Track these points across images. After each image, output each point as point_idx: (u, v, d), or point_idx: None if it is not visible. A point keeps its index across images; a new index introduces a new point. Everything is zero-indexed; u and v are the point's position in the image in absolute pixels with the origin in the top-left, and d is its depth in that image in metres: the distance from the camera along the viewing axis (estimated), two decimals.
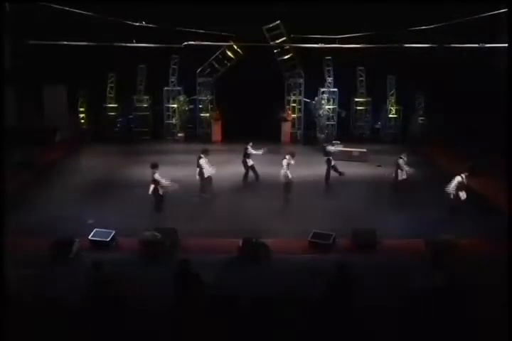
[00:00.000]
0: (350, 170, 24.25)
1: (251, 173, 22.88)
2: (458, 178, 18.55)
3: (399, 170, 20.78)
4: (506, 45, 22.37)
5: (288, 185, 20.71)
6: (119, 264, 13.69)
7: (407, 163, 20.95)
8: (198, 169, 20.56)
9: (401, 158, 20.86)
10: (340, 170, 23.28)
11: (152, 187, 18.49)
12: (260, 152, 22.51)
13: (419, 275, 13.07)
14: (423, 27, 24.97)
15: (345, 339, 10.59)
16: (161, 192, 18.59)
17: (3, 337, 9.68)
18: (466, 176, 18.60)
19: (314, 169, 23.84)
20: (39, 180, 22.67)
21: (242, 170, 22.99)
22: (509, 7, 16.33)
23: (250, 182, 22.84)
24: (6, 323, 9.80)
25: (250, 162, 22.76)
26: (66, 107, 30.92)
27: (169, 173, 20.58)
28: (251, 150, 22.49)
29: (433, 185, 21.14)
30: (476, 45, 24.36)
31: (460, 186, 18.53)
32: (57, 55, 26.45)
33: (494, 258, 14.71)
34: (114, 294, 11.34)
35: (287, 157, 20.60)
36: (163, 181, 18.43)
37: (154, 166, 18.49)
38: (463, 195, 18.58)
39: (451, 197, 18.52)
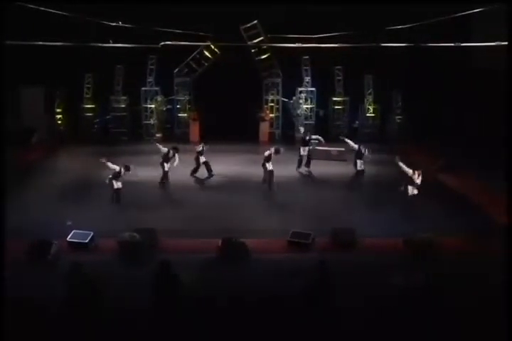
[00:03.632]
0: (329, 169, 24.34)
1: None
2: (410, 172, 18.70)
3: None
4: (485, 44, 22.57)
5: (268, 175, 21.47)
6: (98, 265, 13.62)
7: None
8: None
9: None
10: (320, 169, 23.46)
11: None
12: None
13: (399, 274, 13.13)
14: (400, 26, 25.07)
15: (324, 339, 10.62)
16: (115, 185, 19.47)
17: None
18: (419, 174, 18.68)
19: (293, 168, 23.89)
20: (16, 182, 22.46)
21: (223, 169, 23.14)
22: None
23: (228, 182, 22.84)
24: None
25: (203, 159, 23.03)
26: (43, 108, 30.68)
27: (147, 173, 20.61)
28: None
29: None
30: (452, 44, 24.48)
31: (410, 181, 18.67)
32: (33, 55, 26.22)
33: (473, 256, 14.87)
34: (92, 295, 11.28)
35: (271, 149, 21.31)
36: (110, 165, 19.59)
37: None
38: (412, 190, 18.68)
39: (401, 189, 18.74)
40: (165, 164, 21.50)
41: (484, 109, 26.26)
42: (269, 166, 21.48)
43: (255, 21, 28.99)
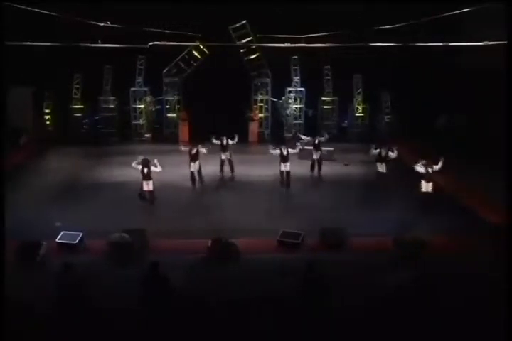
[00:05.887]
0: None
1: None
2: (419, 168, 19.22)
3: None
4: (477, 43, 22.66)
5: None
6: (87, 266, 13.59)
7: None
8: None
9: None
10: (308, 169, 23.63)
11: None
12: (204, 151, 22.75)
13: (388, 274, 13.17)
14: (389, 26, 25.12)
15: (315, 338, 10.63)
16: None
17: None
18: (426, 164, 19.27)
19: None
20: (4, 182, 22.34)
21: (212, 169, 23.19)
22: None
23: (217, 182, 22.86)
24: None
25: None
26: (31, 109, 30.57)
27: (136, 174, 20.55)
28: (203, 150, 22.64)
29: (400, 183, 21.33)
30: (441, 44, 24.56)
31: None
32: (21, 55, 26.08)
33: (462, 255, 14.93)
34: (82, 296, 11.27)
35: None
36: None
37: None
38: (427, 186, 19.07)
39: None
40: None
41: (473, 109, 26.40)
42: (286, 167, 21.99)
43: (244, 21, 28.96)
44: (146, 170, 19.59)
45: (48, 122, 31.34)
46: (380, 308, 11.39)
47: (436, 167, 19.17)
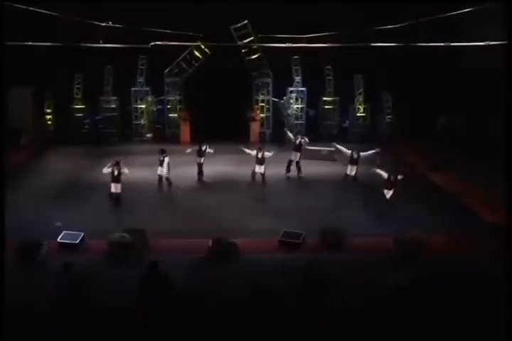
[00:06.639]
0: (319, 168, 24.38)
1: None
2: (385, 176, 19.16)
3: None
4: (479, 43, 22.65)
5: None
6: (88, 266, 13.61)
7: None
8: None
9: None
10: (310, 168, 23.60)
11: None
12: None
13: (389, 274, 13.17)
14: (390, 26, 25.11)
15: (316, 338, 10.63)
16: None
17: None
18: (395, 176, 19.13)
19: (282, 168, 23.88)
20: (5, 182, 22.35)
21: (213, 169, 23.23)
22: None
23: (218, 182, 22.86)
24: None
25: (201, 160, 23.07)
26: (32, 109, 30.57)
27: (137, 174, 20.59)
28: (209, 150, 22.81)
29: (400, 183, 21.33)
30: (442, 44, 24.55)
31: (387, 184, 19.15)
32: (22, 55, 26.10)
33: (463, 255, 14.92)
34: (82, 295, 11.28)
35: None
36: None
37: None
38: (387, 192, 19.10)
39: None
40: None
41: (473, 108, 26.38)
42: (261, 169, 22.17)
43: (245, 21, 28.94)
44: (116, 172, 19.48)
45: (48, 122, 31.30)
46: (380, 308, 11.38)
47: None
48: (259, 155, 22.23)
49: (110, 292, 12.44)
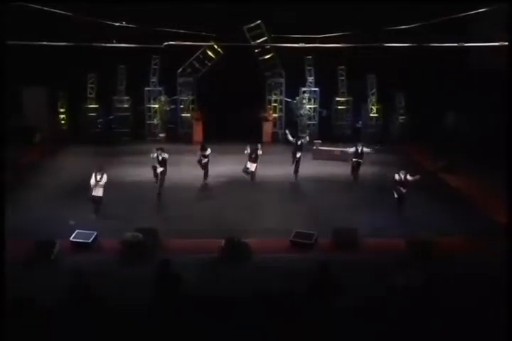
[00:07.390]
0: (332, 169, 24.36)
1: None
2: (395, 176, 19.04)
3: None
4: (488, 44, 22.58)
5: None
6: (100, 265, 13.66)
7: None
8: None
9: None
10: (322, 169, 23.57)
11: None
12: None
13: (400, 275, 13.13)
14: (403, 26, 25.05)
15: (326, 338, 10.62)
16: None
17: None
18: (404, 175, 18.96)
19: (291, 168, 23.84)
20: (19, 181, 22.47)
21: (226, 169, 23.24)
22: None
23: (231, 182, 22.87)
24: None
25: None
26: (46, 108, 30.72)
27: (149, 173, 20.62)
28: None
29: (412, 184, 21.27)
30: (456, 45, 24.49)
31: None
32: (36, 55, 26.24)
33: (474, 256, 14.86)
34: (94, 295, 11.31)
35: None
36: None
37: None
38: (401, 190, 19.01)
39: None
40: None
41: (486, 110, 26.26)
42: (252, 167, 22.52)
43: (259, 21, 28.96)
44: (99, 177, 19.44)
45: (62, 121, 31.47)
46: (392, 309, 11.34)
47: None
48: (253, 155, 22.23)
49: (122, 291, 12.47)
